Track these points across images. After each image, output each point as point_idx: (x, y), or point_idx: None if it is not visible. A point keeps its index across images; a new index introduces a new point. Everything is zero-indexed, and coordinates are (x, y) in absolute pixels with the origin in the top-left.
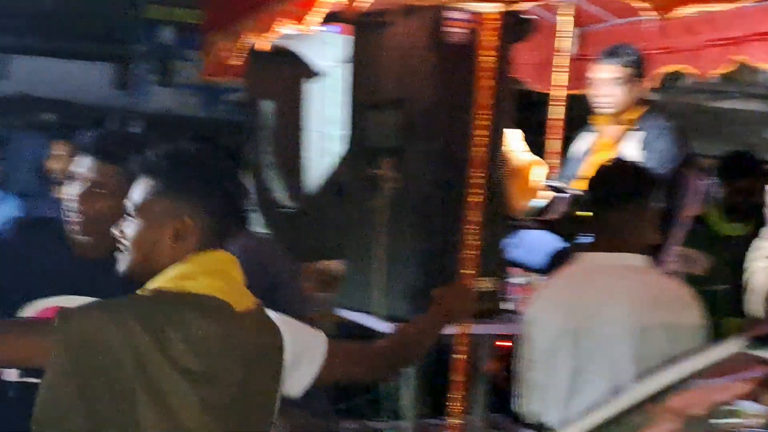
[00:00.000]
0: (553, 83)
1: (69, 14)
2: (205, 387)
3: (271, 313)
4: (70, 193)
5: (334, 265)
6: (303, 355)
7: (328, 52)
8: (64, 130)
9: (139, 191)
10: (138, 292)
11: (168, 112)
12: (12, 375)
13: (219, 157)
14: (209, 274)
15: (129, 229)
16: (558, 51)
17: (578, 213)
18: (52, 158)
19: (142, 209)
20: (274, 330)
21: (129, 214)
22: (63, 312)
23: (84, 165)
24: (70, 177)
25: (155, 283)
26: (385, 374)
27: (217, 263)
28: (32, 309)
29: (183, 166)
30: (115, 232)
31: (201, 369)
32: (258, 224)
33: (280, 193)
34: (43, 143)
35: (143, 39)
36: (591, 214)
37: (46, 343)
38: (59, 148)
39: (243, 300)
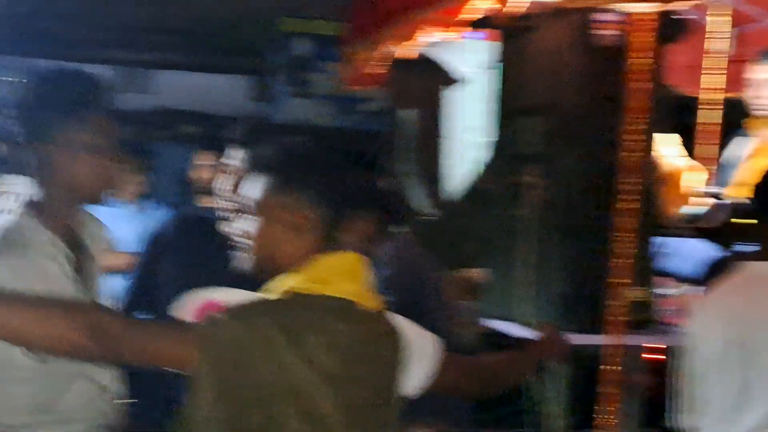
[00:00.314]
0: (703, 86)
1: (208, 30)
2: (342, 389)
3: (391, 315)
4: (223, 187)
5: (476, 274)
6: (418, 356)
7: (469, 58)
8: (205, 141)
9: (256, 187)
10: (270, 292)
11: (304, 123)
12: None
13: (336, 151)
14: (341, 276)
15: (249, 227)
16: (709, 52)
17: (739, 220)
18: (196, 168)
19: (261, 206)
20: (396, 331)
21: (247, 212)
22: (208, 318)
23: (236, 157)
24: (224, 172)
25: (287, 283)
26: (484, 392)
27: (348, 265)
28: (188, 301)
29: (299, 160)
30: (234, 231)
31: (338, 372)
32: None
33: (419, 202)
34: (185, 155)
35: (280, 52)
36: (755, 221)
37: (190, 348)
38: (203, 159)
39: (371, 301)
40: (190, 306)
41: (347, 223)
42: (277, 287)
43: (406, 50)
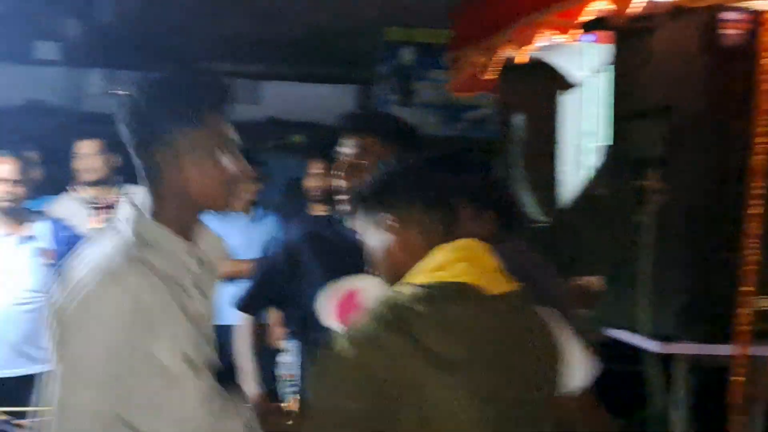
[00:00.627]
0: None
1: (314, 40)
2: (468, 375)
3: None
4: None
5: (593, 282)
6: (570, 352)
7: (583, 61)
8: (313, 150)
9: (379, 205)
10: (393, 290)
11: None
12: None
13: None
14: (458, 261)
15: (376, 242)
16: None
17: None
18: (309, 177)
19: (391, 220)
20: (533, 313)
21: (373, 228)
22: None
23: (348, 144)
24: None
25: (411, 279)
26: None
27: (466, 250)
28: (329, 294)
29: (422, 168)
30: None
31: (460, 358)
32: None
33: (532, 208)
34: (294, 164)
35: (386, 61)
36: None
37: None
38: (316, 167)
39: (497, 284)
40: (332, 298)
41: (464, 224)
42: (402, 284)
43: (521, 54)
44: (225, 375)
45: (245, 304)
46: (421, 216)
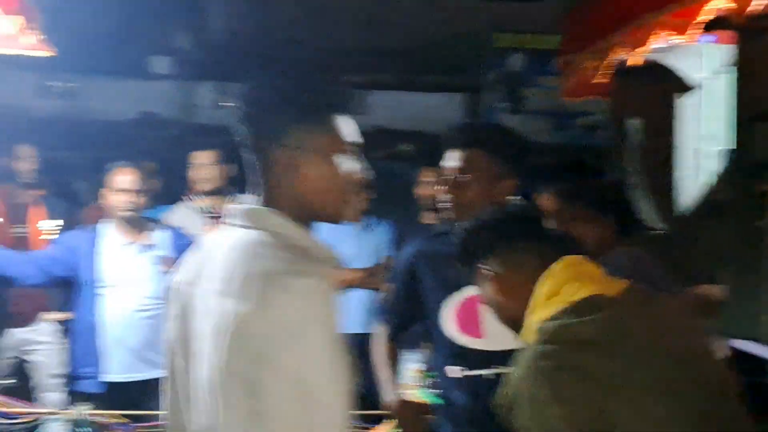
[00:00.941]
0: None
1: (421, 49)
2: (653, 381)
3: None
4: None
5: (714, 290)
6: None
7: (703, 63)
8: (423, 159)
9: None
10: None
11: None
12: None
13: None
14: (567, 282)
15: (483, 290)
16: None
17: None
18: (421, 185)
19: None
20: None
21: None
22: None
23: (453, 157)
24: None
25: (543, 314)
26: None
27: (575, 266)
28: (452, 303)
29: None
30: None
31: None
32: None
33: (649, 215)
34: (402, 173)
35: (494, 68)
36: None
37: None
38: (427, 176)
39: (612, 286)
40: (455, 306)
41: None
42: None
43: (635, 57)
44: None
45: (385, 318)
46: (518, 261)
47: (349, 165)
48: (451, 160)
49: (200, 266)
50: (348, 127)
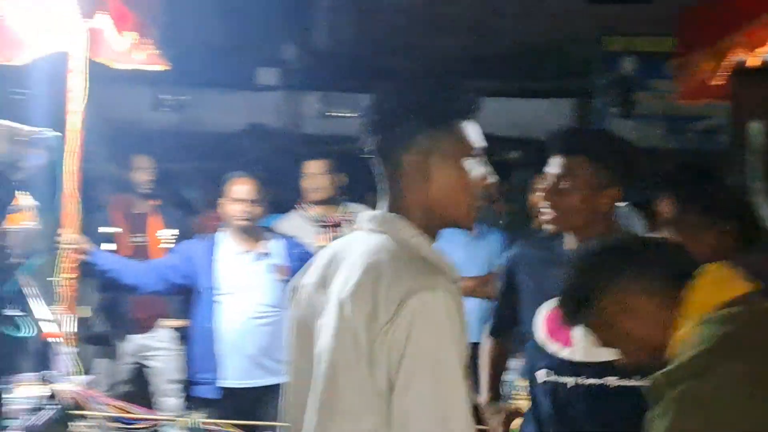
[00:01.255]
0: None
1: (528, 54)
2: None
3: None
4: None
5: None
6: None
7: None
8: (532, 167)
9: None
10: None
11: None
12: (542, 376)
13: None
14: (722, 286)
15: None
16: None
17: None
18: (533, 192)
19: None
20: None
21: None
22: None
23: (555, 164)
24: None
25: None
26: None
27: (719, 273)
28: (543, 309)
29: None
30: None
31: None
32: None
33: None
34: (511, 181)
35: (604, 72)
36: None
37: None
38: (539, 183)
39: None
40: (548, 312)
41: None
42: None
43: (751, 58)
44: None
45: (491, 330)
46: (650, 287)
47: (476, 169)
48: (553, 166)
49: (327, 270)
50: (474, 132)
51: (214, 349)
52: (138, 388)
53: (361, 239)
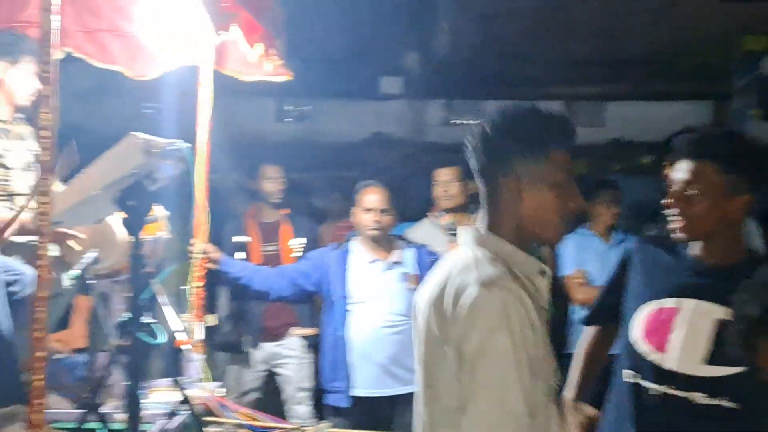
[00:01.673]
0: None
1: (660, 56)
2: None
3: None
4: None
5: None
6: None
7: None
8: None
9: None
10: None
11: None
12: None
13: None
14: None
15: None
16: None
17: None
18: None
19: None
20: None
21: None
22: None
23: (680, 169)
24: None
25: None
26: None
27: None
28: (644, 309)
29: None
30: None
31: None
32: None
33: None
34: (644, 186)
35: (743, 72)
36: None
37: None
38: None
39: None
40: (649, 312)
41: None
42: None
43: None
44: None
45: (587, 317)
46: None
47: (567, 193)
48: (679, 171)
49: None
50: (565, 157)
51: (344, 357)
52: (269, 396)
53: (460, 253)
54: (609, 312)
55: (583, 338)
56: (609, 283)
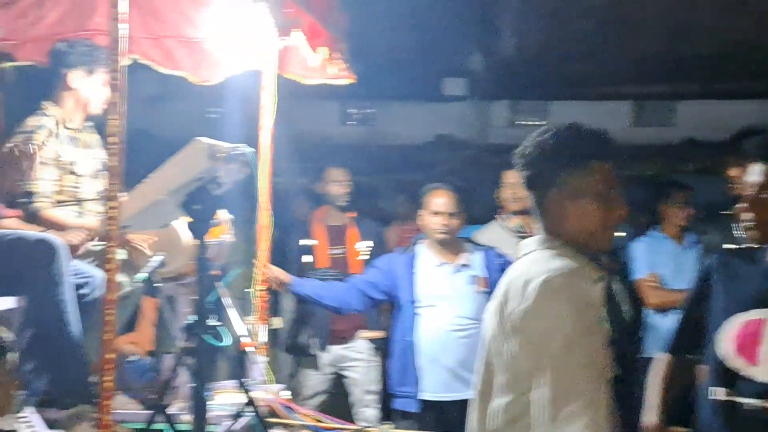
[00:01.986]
0: None
1: (733, 54)
2: None
3: None
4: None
5: None
6: None
7: None
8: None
9: None
10: None
11: None
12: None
13: None
14: None
15: None
16: None
17: None
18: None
19: None
20: None
21: None
22: None
23: (754, 171)
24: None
25: None
26: None
27: None
28: (742, 317)
29: None
30: None
31: None
32: None
33: None
34: (718, 188)
35: None
36: None
37: None
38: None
39: None
40: (737, 326)
41: None
42: None
43: None
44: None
45: (670, 345)
46: None
47: (610, 203)
48: (752, 174)
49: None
50: (606, 170)
51: (413, 361)
52: (337, 399)
53: (526, 257)
54: (690, 341)
55: (662, 365)
56: (688, 307)
